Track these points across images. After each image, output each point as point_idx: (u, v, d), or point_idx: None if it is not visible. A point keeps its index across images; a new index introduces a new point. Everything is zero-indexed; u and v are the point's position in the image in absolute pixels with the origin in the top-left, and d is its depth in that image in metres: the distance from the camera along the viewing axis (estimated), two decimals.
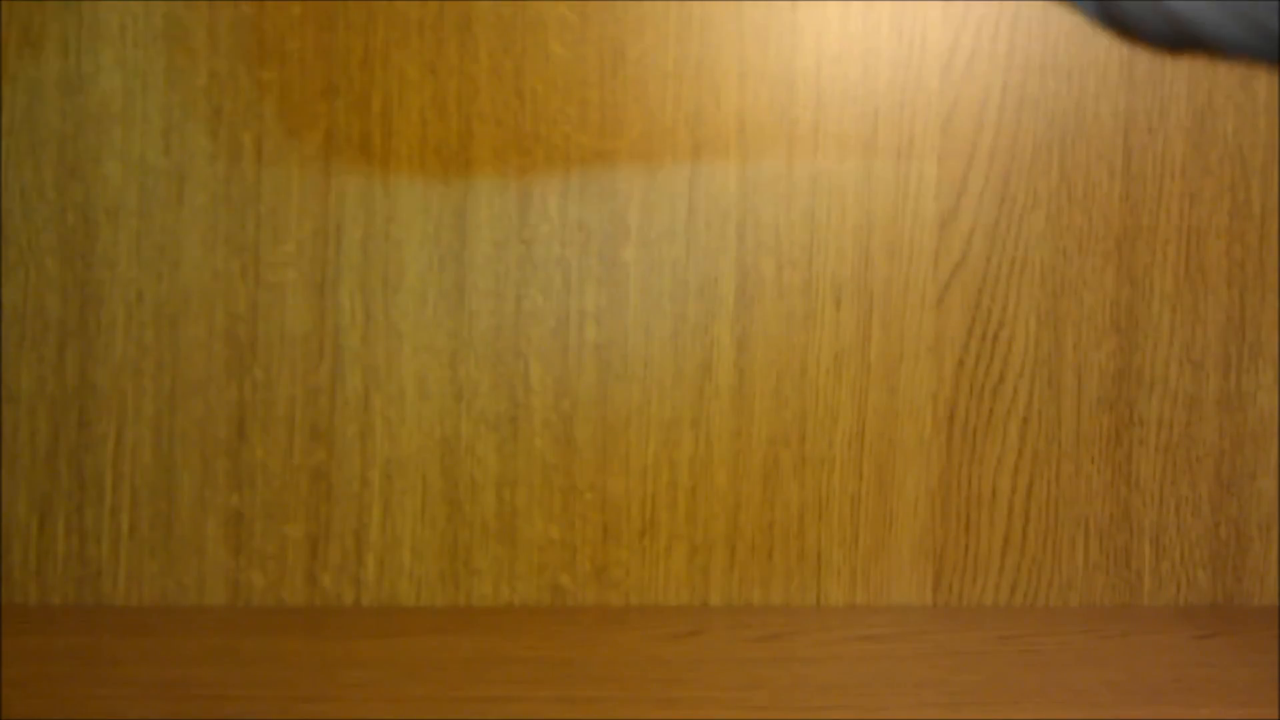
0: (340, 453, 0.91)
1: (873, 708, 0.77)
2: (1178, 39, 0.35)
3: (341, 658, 0.82)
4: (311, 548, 0.91)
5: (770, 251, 0.93)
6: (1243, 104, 0.95)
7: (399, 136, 0.90)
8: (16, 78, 0.87)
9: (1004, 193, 0.94)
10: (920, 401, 0.94)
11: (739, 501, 0.93)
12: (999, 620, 0.91)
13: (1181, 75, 0.94)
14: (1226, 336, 0.95)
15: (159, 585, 0.90)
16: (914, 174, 0.94)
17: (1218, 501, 0.96)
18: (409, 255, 0.91)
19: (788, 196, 0.93)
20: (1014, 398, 0.95)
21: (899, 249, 0.94)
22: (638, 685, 0.80)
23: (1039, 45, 0.94)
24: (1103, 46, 0.94)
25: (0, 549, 0.90)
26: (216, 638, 0.85)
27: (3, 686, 0.75)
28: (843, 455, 0.94)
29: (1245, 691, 0.80)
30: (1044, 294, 0.95)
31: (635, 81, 0.92)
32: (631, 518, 0.93)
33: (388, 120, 0.90)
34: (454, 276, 0.91)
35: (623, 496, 0.93)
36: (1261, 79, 0.94)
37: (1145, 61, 0.94)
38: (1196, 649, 0.88)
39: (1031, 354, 0.95)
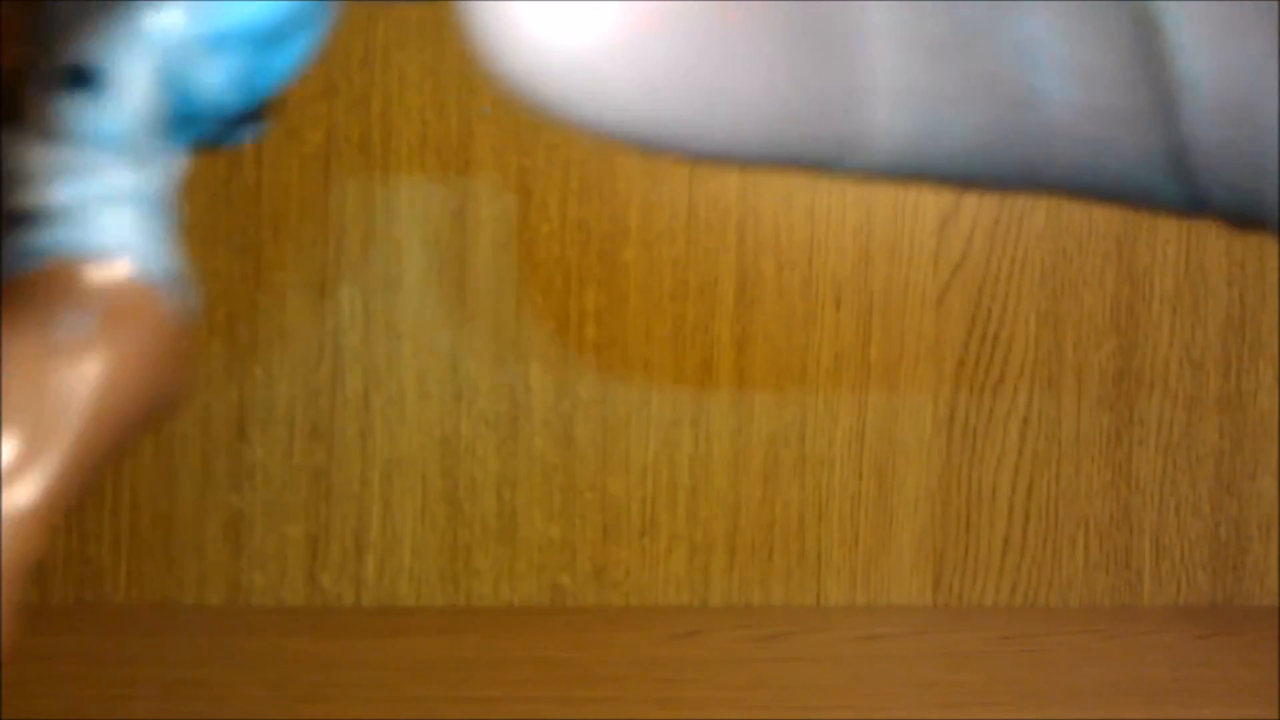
0: (340, 453, 0.91)
1: (873, 708, 0.77)
2: None
3: (341, 658, 0.82)
4: (311, 548, 0.91)
5: (770, 251, 0.93)
6: None
7: (399, 136, 0.90)
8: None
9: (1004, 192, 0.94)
10: (920, 401, 0.94)
11: (739, 501, 0.93)
12: (999, 620, 0.91)
13: None
14: (1226, 336, 0.95)
15: (159, 585, 0.90)
16: None
17: (1218, 501, 0.96)
18: (409, 255, 0.91)
19: (788, 196, 0.93)
20: (1014, 398, 0.94)
21: (899, 249, 0.94)
22: (638, 685, 0.80)
23: None
24: None
25: None
26: (216, 638, 0.85)
27: (3, 686, 0.75)
28: (843, 455, 0.94)
29: (1245, 691, 0.80)
30: (1044, 294, 0.95)
31: None
32: (631, 518, 0.93)
33: (388, 120, 0.90)
34: (454, 276, 0.91)
35: (623, 496, 0.93)
36: None
37: None
38: (1196, 649, 0.88)
39: (1031, 354, 0.95)
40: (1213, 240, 0.95)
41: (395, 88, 0.90)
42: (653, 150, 0.24)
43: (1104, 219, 0.95)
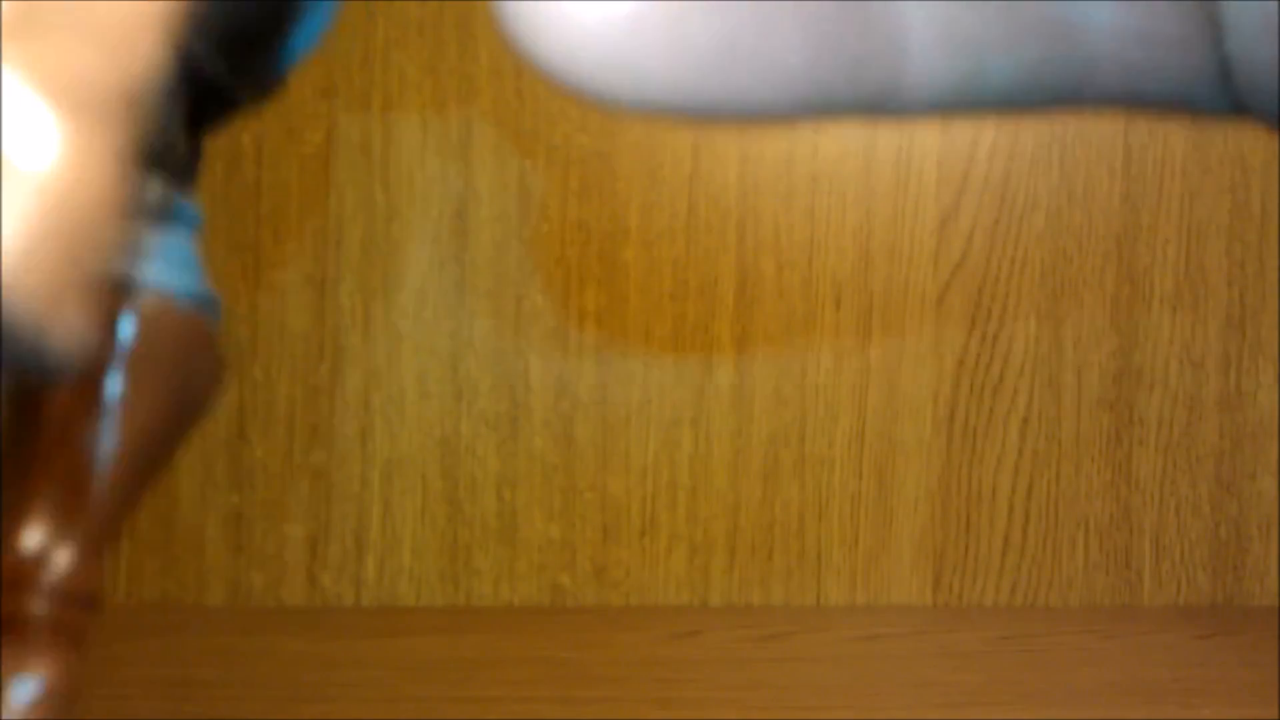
0: (340, 453, 0.91)
1: (873, 708, 0.77)
2: None
3: (341, 658, 0.82)
4: (311, 548, 0.91)
5: (770, 251, 0.93)
6: None
7: (399, 136, 0.90)
8: None
9: (1004, 193, 0.94)
10: (920, 401, 0.94)
11: (739, 501, 0.93)
12: (999, 620, 0.91)
13: None
14: (1226, 336, 0.95)
15: (159, 585, 0.90)
16: (914, 174, 0.94)
17: (1218, 501, 0.96)
18: (409, 255, 0.91)
19: (788, 196, 0.93)
20: (1014, 398, 0.95)
21: (899, 249, 0.94)
22: (638, 685, 0.80)
23: None
24: None
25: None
26: (216, 638, 0.85)
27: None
28: (843, 455, 0.94)
29: (1245, 691, 0.80)
30: (1044, 294, 0.95)
31: None
32: (631, 518, 0.93)
33: (388, 120, 0.90)
34: (454, 276, 0.91)
35: (623, 496, 0.93)
36: None
37: None
38: (1196, 649, 0.88)
39: (1031, 354, 0.95)
40: (1213, 240, 0.95)
41: (395, 88, 0.90)
42: (693, 119, 0.24)
43: (1104, 219, 0.95)
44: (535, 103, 0.91)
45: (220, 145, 0.90)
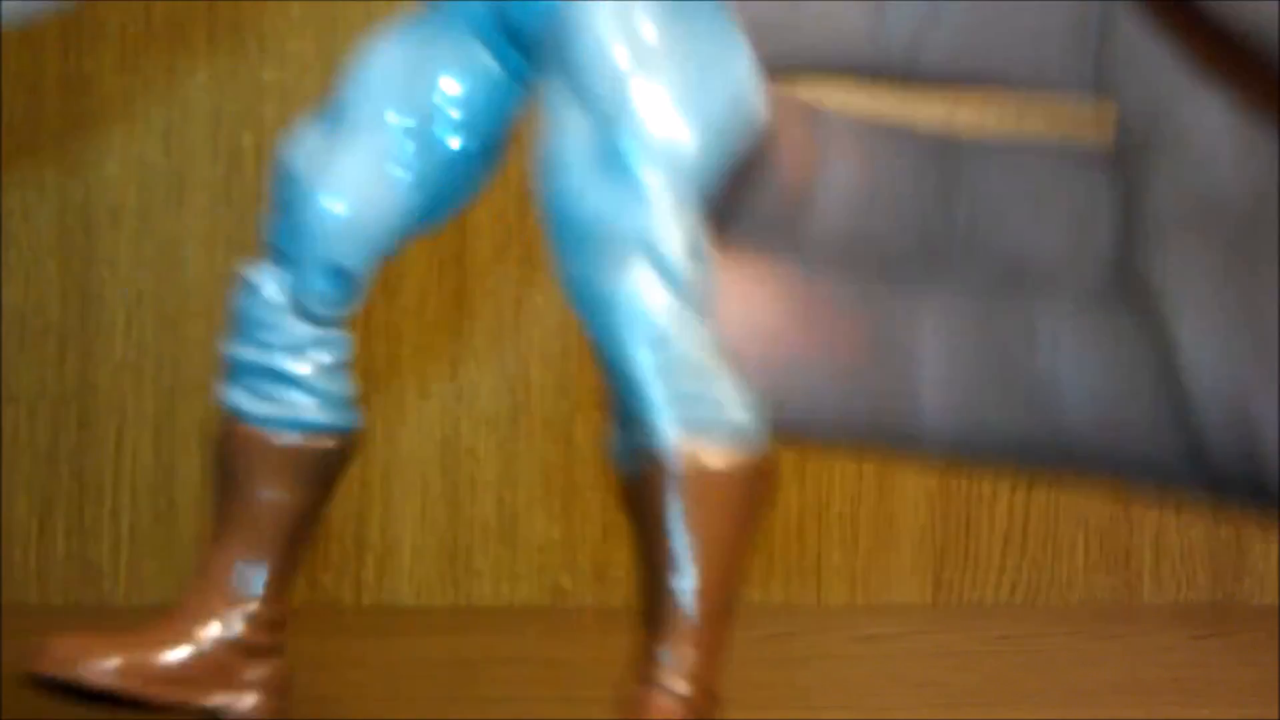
0: None
1: (873, 708, 0.77)
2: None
3: (341, 658, 0.82)
4: (311, 548, 0.91)
5: None
6: None
7: None
8: (17, 78, 0.87)
9: None
10: None
11: None
12: (999, 620, 0.91)
13: None
14: None
15: (159, 585, 0.90)
16: None
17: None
18: (409, 257, 0.91)
19: None
20: None
21: None
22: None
23: None
24: None
25: (0, 549, 0.90)
26: None
27: (3, 686, 0.75)
28: (842, 455, 0.94)
29: (1245, 691, 0.80)
30: None
31: None
32: None
33: None
34: (454, 277, 0.91)
35: None
36: None
37: None
38: (1196, 649, 0.88)
39: None
40: None
41: None
42: None
43: None
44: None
45: (220, 145, 0.90)
